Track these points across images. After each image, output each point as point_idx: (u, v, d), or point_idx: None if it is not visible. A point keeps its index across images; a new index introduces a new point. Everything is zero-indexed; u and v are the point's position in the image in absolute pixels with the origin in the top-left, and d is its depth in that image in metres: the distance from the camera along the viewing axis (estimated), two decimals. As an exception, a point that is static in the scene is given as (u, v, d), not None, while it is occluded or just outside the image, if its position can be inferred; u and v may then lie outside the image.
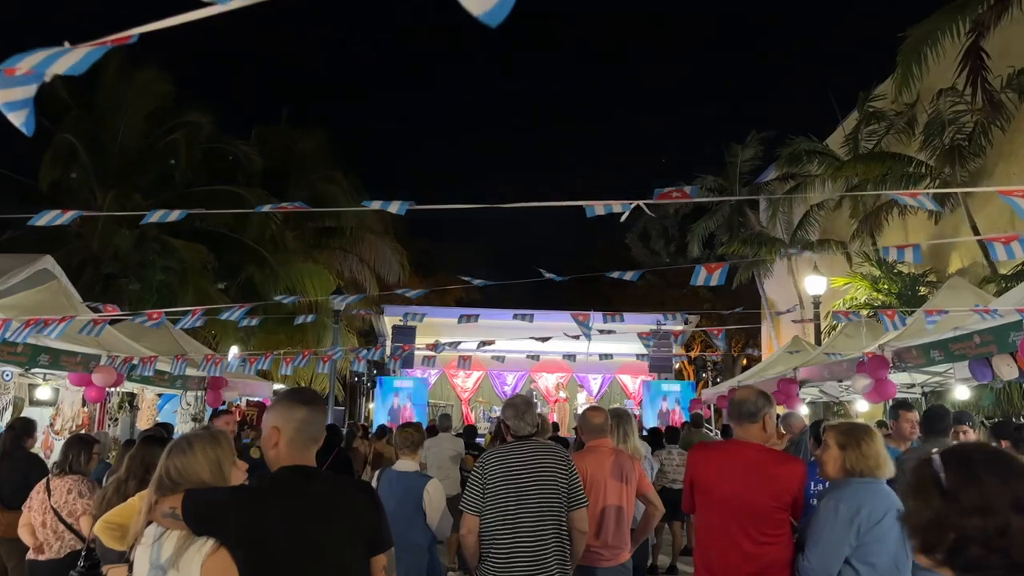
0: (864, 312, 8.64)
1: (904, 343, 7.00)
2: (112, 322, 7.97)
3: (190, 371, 8.92)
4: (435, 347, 9.08)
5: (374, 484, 4.71)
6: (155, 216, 4.47)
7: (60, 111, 15.38)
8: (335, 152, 22.43)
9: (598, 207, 2.84)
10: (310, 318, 7.76)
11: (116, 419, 8.61)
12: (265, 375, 17.79)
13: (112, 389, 7.91)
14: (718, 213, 23.06)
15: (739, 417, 3.19)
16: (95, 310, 7.43)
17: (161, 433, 5.12)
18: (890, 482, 2.97)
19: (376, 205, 3.02)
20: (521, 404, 3.83)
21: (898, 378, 8.49)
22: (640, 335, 12.01)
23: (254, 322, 7.48)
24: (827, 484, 3.21)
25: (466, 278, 5.78)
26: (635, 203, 2.74)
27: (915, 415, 5.50)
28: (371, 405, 25.03)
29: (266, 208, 2.98)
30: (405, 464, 4.55)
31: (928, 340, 6.47)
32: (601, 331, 6.88)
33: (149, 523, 2.13)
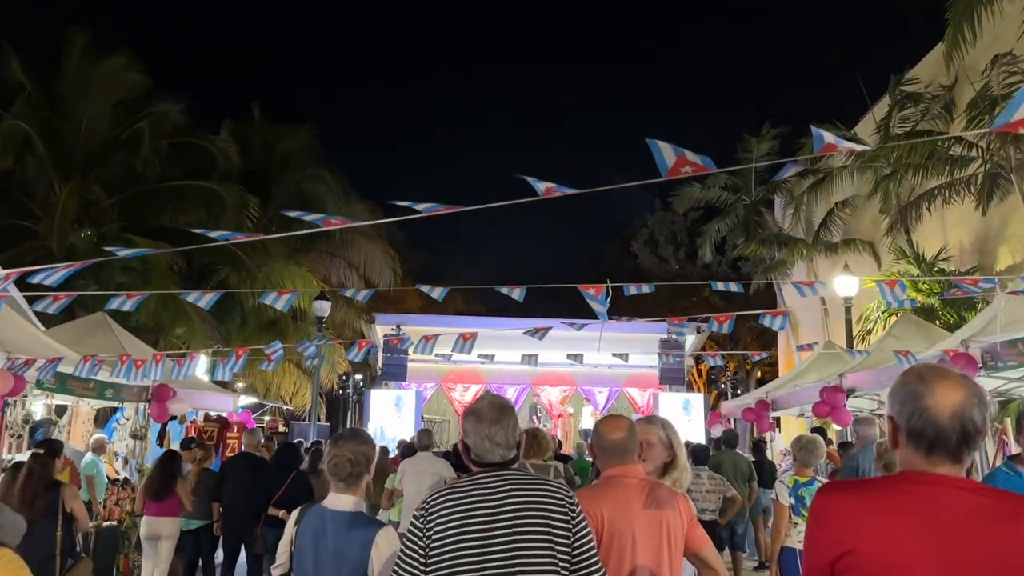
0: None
1: (1000, 337, 5.52)
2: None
3: (120, 378, 7.45)
4: (418, 345, 7.68)
5: (291, 527, 3.17)
6: None
7: (12, 93, 14.04)
8: (321, 150, 21.12)
9: None
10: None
11: (20, 436, 7.19)
12: (241, 386, 16.35)
13: (13, 399, 6.46)
14: (731, 214, 21.66)
15: (957, 442, 1.49)
16: None
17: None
18: None
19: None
20: (488, 411, 2.29)
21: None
22: (668, 328, 10.51)
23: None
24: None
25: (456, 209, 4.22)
26: None
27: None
28: (363, 422, 23.56)
29: None
30: (340, 501, 2.92)
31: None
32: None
33: None
